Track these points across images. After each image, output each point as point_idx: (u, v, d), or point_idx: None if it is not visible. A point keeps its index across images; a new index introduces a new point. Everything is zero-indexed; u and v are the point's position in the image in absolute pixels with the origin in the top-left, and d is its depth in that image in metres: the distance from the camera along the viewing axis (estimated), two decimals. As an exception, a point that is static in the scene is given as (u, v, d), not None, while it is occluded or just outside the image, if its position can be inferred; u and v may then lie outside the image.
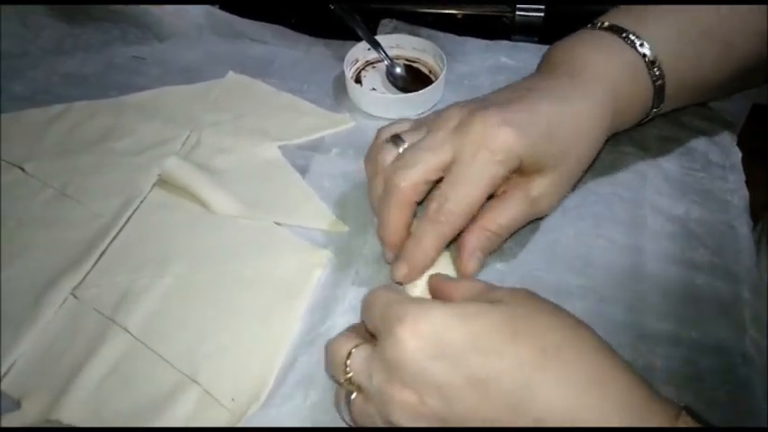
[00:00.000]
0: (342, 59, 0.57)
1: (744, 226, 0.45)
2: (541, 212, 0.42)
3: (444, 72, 0.54)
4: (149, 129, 0.54)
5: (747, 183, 0.48)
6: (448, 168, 0.39)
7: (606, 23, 0.44)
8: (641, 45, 0.42)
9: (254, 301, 0.42)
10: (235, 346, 0.40)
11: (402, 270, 0.39)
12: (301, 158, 0.51)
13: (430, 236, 0.39)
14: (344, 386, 0.33)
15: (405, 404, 0.29)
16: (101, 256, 0.45)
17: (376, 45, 0.57)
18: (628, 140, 0.50)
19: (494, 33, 0.62)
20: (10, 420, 0.37)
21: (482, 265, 0.41)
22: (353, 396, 0.32)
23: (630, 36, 0.42)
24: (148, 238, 0.46)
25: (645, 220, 0.46)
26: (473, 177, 0.38)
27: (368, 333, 0.35)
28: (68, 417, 0.37)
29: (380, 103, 0.55)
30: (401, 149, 0.41)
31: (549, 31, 0.63)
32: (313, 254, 0.44)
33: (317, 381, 0.38)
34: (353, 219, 0.47)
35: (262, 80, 0.58)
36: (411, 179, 0.39)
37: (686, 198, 0.47)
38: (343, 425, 0.36)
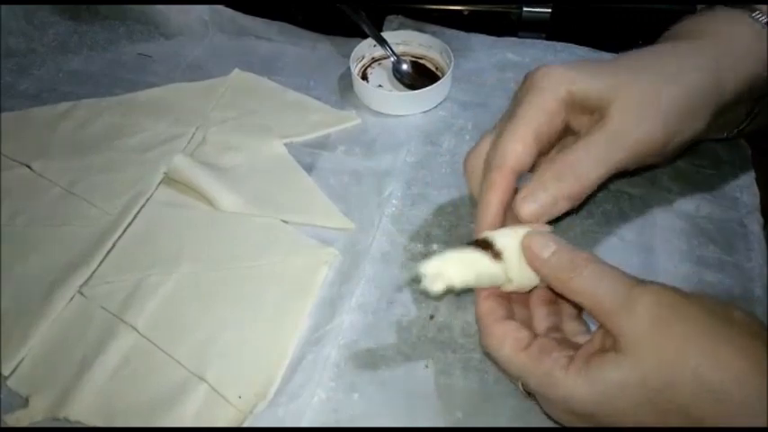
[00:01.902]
0: (347, 56, 0.56)
1: (754, 224, 0.45)
2: (642, 141, 0.35)
3: (451, 68, 0.54)
4: (156, 126, 0.54)
5: (758, 180, 0.48)
6: None
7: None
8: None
9: (262, 298, 0.42)
10: (242, 343, 0.40)
11: (479, 228, 0.36)
12: (308, 156, 0.51)
13: (485, 183, 0.36)
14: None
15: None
16: (108, 253, 0.45)
17: (382, 42, 0.57)
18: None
19: (500, 29, 0.62)
20: (18, 417, 0.37)
21: (542, 214, 0.35)
22: None
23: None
24: (155, 236, 0.46)
25: (654, 217, 0.45)
26: (522, 112, 0.36)
27: None
28: (76, 414, 0.37)
29: (387, 99, 0.54)
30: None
31: (557, 28, 0.62)
32: (320, 251, 0.44)
33: (323, 379, 0.38)
34: (360, 216, 0.47)
35: (267, 77, 0.58)
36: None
37: (696, 195, 0.47)
38: (345, 426, 0.36)
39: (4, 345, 0.40)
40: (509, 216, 0.37)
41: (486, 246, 0.34)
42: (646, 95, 0.35)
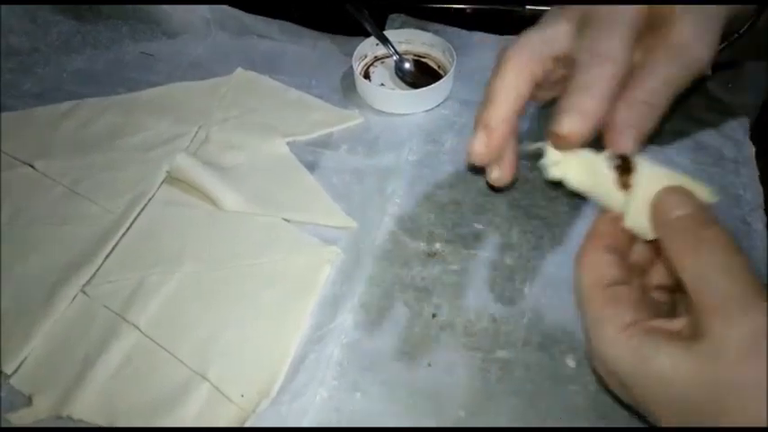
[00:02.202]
0: (350, 55, 0.56)
1: (758, 222, 0.44)
2: (697, 61, 0.34)
3: (454, 67, 0.54)
4: (158, 125, 0.54)
5: (761, 178, 0.47)
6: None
7: None
8: None
9: (264, 297, 0.42)
10: (244, 342, 0.40)
11: (570, 123, 0.32)
12: (310, 155, 0.51)
13: (588, 82, 0.32)
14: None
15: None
16: (111, 252, 0.45)
17: (384, 40, 0.57)
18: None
19: (503, 28, 0.62)
20: (21, 416, 0.37)
21: (638, 147, 0.32)
22: None
23: None
24: (158, 235, 0.46)
25: (657, 215, 0.45)
26: (611, 20, 0.33)
27: None
28: (79, 413, 0.37)
29: (389, 98, 0.54)
30: None
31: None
32: (322, 250, 0.44)
33: (326, 378, 0.38)
34: (362, 215, 0.47)
35: (270, 76, 0.58)
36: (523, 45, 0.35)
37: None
38: (348, 425, 0.36)
39: (7, 343, 0.40)
40: None
41: (624, 167, 0.30)
42: (706, 9, 0.34)
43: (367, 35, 0.57)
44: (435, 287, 0.42)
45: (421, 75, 0.56)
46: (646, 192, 0.29)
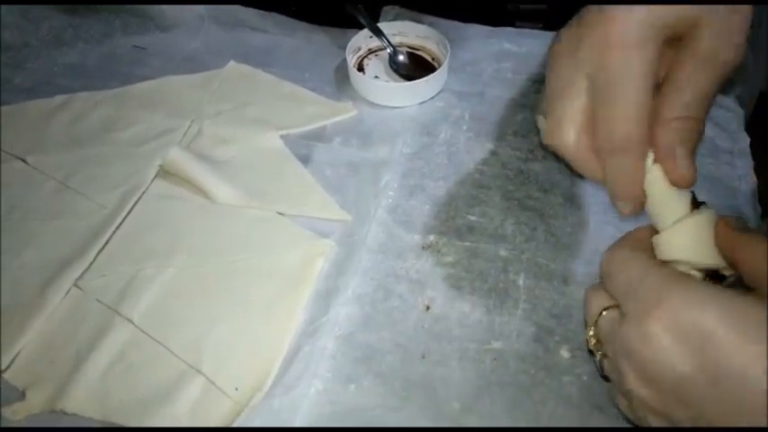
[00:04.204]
0: (343, 47, 0.56)
1: (752, 213, 0.44)
2: (728, 62, 0.33)
3: (448, 59, 0.54)
4: (151, 119, 0.54)
5: (755, 169, 0.47)
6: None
7: None
8: None
9: (258, 291, 0.42)
10: (238, 335, 0.40)
11: (624, 208, 0.34)
12: (303, 148, 0.51)
13: (618, 161, 0.33)
14: (590, 339, 0.32)
15: (638, 394, 0.28)
16: (104, 247, 0.45)
17: (378, 33, 0.57)
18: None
19: (498, 20, 0.61)
20: (15, 410, 0.37)
21: (693, 164, 0.32)
22: (599, 353, 0.32)
23: None
24: (151, 229, 0.46)
25: (651, 206, 0.45)
26: (620, 72, 0.32)
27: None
28: (73, 407, 0.37)
29: (383, 90, 0.54)
30: None
31: (554, 18, 0.62)
32: (316, 243, 0.44)
33: (320, 371, 0.38)
34: (356, 208, 0.46)
35: (263, 69, 0.58)
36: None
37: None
38: (347, 424, 0.36)
39: (0, 338, 0.40)
40: None
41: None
42: (734, 9, 0.32)
43: (361, 27, 0.57)
44: (429, 279, 0.42)
45: (415, 67, 0.56)
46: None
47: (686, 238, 0.31)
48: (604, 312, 0.31)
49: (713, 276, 0.31)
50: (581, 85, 0.34)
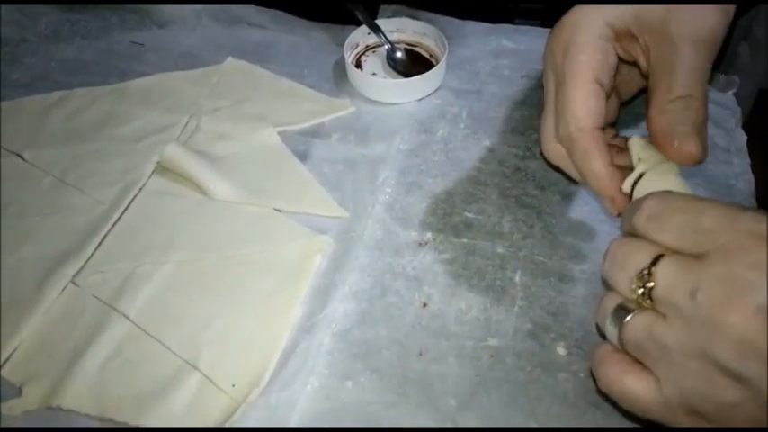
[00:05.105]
0: (341, 44, 0.56)
1: (749, 210, 0.45)
2: (712, 30, 0.32)
3: (445, 56, 0.54)
4: (149, 115, 0.53)
5: (752, 167, 0.47)
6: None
7: None
8: None
9: (255, 287, 0.42)
10: (235, 332, 0.40)
11: (611, 208, 0.34)
12: (301, 144, 0.51)
13: (585, 154, 0.34)
14: (634, 300, 0.27)
15: (744, 335, 0.23)
16: (101, 243, 0.45)
17: (376, 29, 0.56)
18: (632, 124, 0.49)
19: (496, 17, 0.61)
20: (11, 406, 0.37)
21: (700, 141, 0.31)
22: (635, 315, 0.27)
23: None
24: (149, 225, 0.46)
25: (648, 204, 0.45)
26: (574, 67, 0.34)
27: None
28: (69, 403, 0.37)
29: (381, 87, 0.54)
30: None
31: (552, 15, 0.62)
32: (313, 240, 0.44)
33: (317, 367, 0.38)
34: (353, 204, 0.46)
35: (261, 65, 0.58)
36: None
37: (690, 182, 0.46)
38: (344, 423, 0.36)
39: (-3, 334, 0.40)
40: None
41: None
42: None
43: (359, 24, 0.57)
44: (426, 276, 0.42)
45: (413, 64, 0.56)
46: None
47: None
48: (662, 259, 0.26)
49: None
50: (551, 93, 0.35)
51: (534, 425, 0.35)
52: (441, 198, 0.47)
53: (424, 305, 0.41)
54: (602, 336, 0.29)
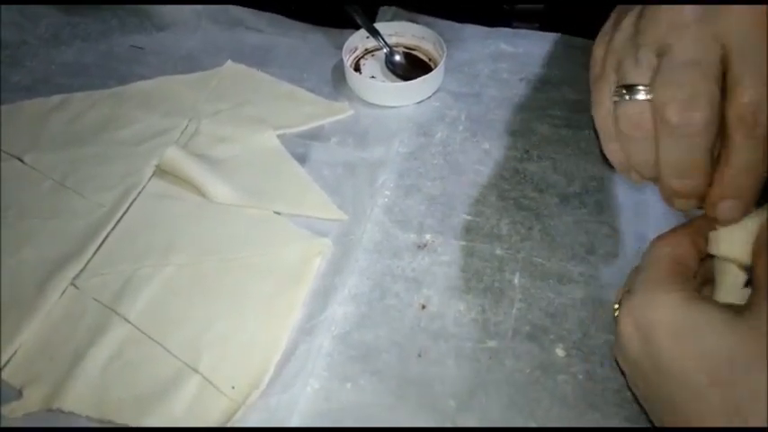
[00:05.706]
0: (340, 47, 0.56)
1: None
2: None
3: (444, 59, 0.54)
4: (148, 118, 0.54)
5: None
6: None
7: None
8: None
9: (255, 290, 0.42)
10: (235, 334, 0.40)
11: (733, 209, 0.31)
12: (300, 147, 0.51)
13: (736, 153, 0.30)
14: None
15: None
16: (101, 246, 0.45)
17: (375, 33, 0.57)
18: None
19: (494, 20, 0.62)
20: (12, 409, 0.37)
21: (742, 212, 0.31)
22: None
23: None
24: (149, 228, 0.46)
25: (647, 206, 0.45)
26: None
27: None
28: (69, 405, 0.37)
29: (380, 90, 0.54)
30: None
31: (551, 18, 0.62)
32: (313, 243, 0.44)
33: (316, 369, 0.38)
34: (353, 207, 0.47)
35: (260, 69, 0.58)
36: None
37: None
38: (344, 425, 0.36)
39: (-2, 337, 0.40)
40: None
41: None
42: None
43: (358, 28, 0.57)
44: (425, 278, 0.42)
45: (411, 67, 0.56)
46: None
47: (744, 233, 0.30)
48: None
49: None
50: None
51: (533, 426, 0.35)
52: (439, 201, 0.47)
53: (423, 307, 0.41)
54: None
